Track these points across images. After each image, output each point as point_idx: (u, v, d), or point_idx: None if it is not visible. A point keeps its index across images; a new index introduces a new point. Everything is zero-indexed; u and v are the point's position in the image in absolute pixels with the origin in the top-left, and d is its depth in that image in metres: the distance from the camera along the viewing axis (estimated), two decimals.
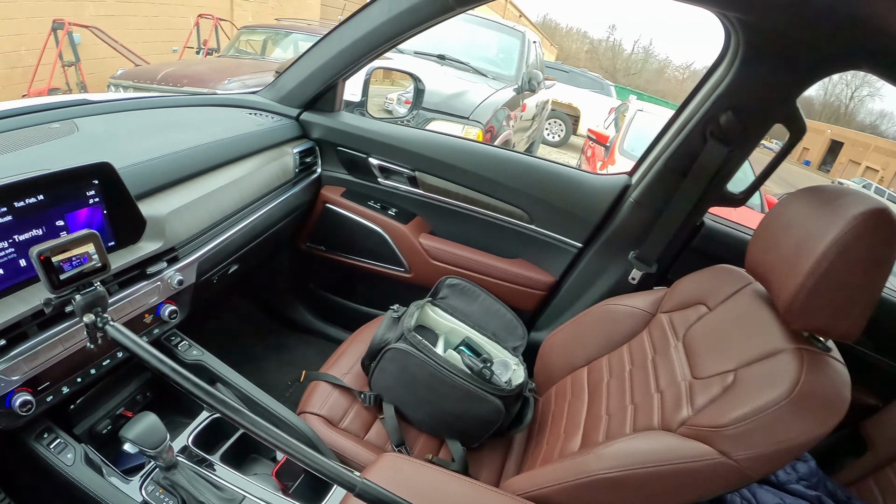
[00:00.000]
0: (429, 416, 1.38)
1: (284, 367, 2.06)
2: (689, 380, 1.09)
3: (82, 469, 1.00)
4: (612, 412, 1.21)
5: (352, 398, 1.43)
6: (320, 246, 2.02)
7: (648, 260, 1.62)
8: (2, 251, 0.90)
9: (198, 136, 1.41)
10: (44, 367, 0.96)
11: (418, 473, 1.04)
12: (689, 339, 1.19)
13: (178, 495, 1.03)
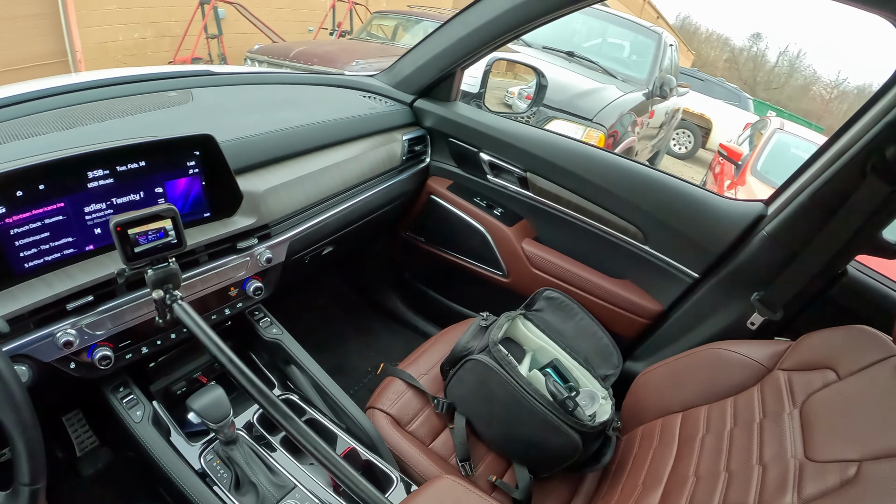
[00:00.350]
0: (500, 437, 1.29)
1: (367, 352, 2.04)
2: (800, 459, 0.89)
3: (147, 428, 1.02)
4: (702, 475, 1.03)
5: (424, 402, 1.36)
6: (420, 237, 1.97)
7: (774, 305, 1.40)
8: (101, 212, 0.92)
9: (307, 115, 1.39)
10: (127, 326, 0.98)
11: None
12: (808, 408, 0.98)
13: (234, 470, 1.04)
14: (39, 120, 1.10)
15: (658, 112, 5.05)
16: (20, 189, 0.84)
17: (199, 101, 1.30)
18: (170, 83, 1.38)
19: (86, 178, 0.91)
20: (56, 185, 0.88)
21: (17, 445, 0.63)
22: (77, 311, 0.92)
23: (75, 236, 0.92)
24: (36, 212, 0.87)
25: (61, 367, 0.92)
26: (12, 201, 0.84)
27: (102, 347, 0.96)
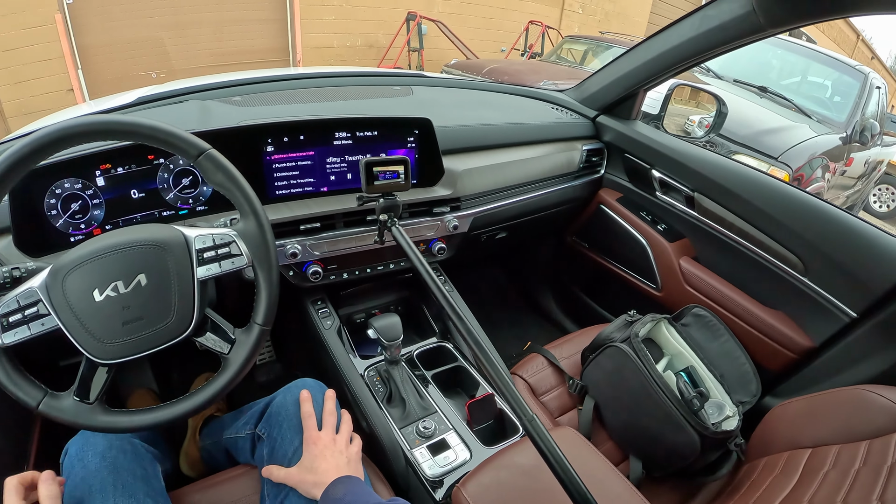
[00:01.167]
0: (623, 425, 1.39)
1: (514, 341, 2.23)
2: None
3: (333, 335, 1.32)
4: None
5: (560, 380, 1.51)
6: (584, 242, 2.11)
7: None
8: (338, 164, 1.25)
9: (503, 116, 1.63)
10: (337, 253, 1.29)
11: (590, 455, 1.08)
12: None
13: (388, 387, 1.27)
14: (296, 94, 1.50)
15: (857, 161, 4.60)
16: (287, 136, 1.19)
17: (417, 95, 1.62)
18: (393, 80, 1.72)
19: (333, 137, 1.24)
20: (312, 138, 1.22)
21: (262, 294, 0.87)
22: (306, 232, 1.24)
23: (316, 178, 1.26)
24: (293, 154, 1.22)
25: (283, 272, 1.22)
26: (279, 144, 1.19)
27: (315, 265, 1.27)
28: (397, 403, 1.24)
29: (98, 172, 1.11)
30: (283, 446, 1.01)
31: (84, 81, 6.62)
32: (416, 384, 1.29)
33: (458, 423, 1.22)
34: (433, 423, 1.20)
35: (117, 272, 0.78)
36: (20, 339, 0.76)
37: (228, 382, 0.85)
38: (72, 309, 0.76)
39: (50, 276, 0.78)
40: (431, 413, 1.23)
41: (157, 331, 0.79)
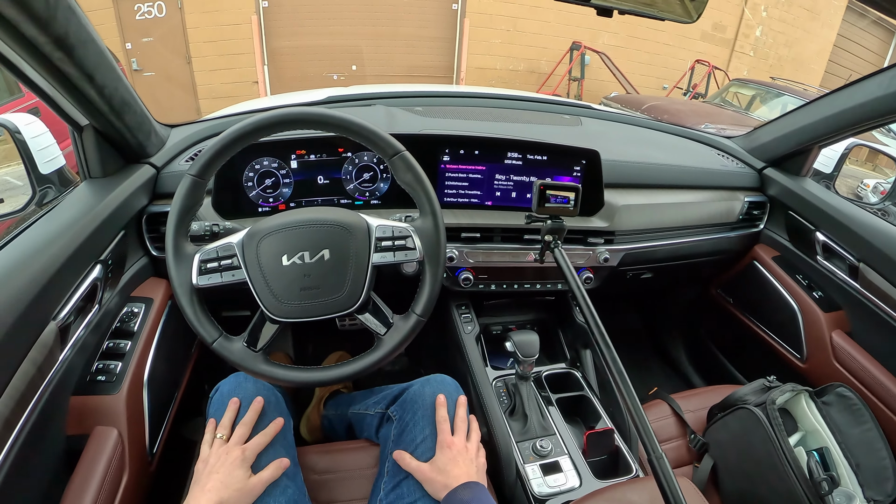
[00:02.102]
0: (739, 492, 1.33)
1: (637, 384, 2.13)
2: None
3: (471, 340, 1.40)
4: None
5: (682, 432, 1.47)
6: (729, 297, 2.01)
7: None
8: (506, 181, 1.34)
9: (668, 156, 1.63)
10: (490, 264, 1.36)
11: None
12: None
13: (513, 400, 1.32)
14: (471, 110, 1.61)
15: None
16: (463, 149, 1.30)
17: (586, 126, 1.68)
18: (562, 108, 1.78)
19: (505, 156, 1.32)
20: (486, 154, 1.31)
21: (426, 288, 0.96)
22: (465, 240, 1.33)
23: (482, 192, 1.35)
24: (465, 166, 1.32)
25: None
26: (455, 155, 1.30)
27: (468, 272, 1.36)
28: (519, 418, 1.29)
29: (293, 156, 1.27)
30: (413, 432, 1.08)
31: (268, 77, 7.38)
32: (541, 403, 1.33)
33: (573, 449, 1.24)
34: (550, 444, 1.23)
35: (306, 244, 0.90)
36: (210, 284, 0.90)
37: (379, 360, 0.95)
38: (261, 267, 0.89)
39: (247, 237, 0.91)
40: (550, 434, 1.27)
41: (328, 301, 0.90)
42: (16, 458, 0.84)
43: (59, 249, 0.99)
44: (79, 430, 1.03)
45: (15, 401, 0.85)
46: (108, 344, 1.16)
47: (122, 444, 1.04)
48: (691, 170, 1.65)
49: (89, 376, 1.10)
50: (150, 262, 1.35)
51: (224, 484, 0.88)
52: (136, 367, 1.13)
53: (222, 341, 0.92)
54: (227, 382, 1.11)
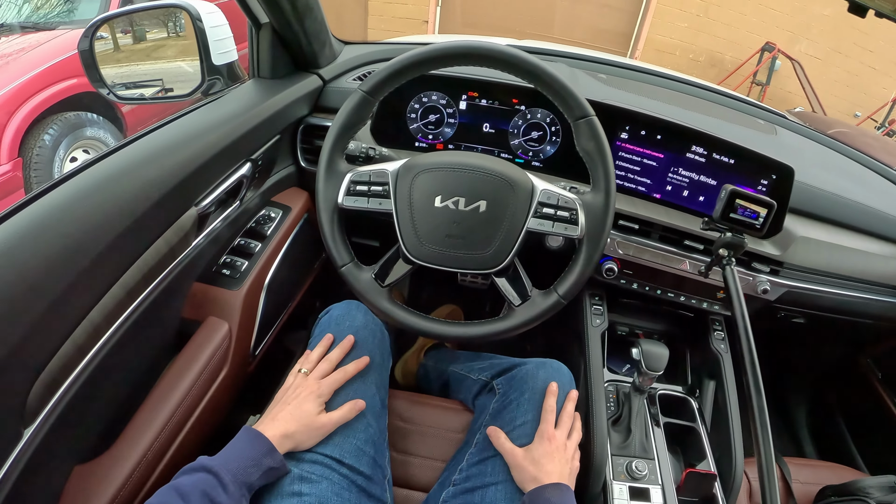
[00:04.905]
0: None
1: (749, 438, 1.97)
2: None
3: (596, 335, 1.29)
4: None
5: (785, 501, 1.31)
6: (879, 372, 1.73)
7: None
8: (679, 176, 1.19)
9: (866, 195, 1.39)
10: (639, 261, 1.24)
11: None
12: None
13: (620, 409, 1.22)
14: (656, 90, 1.47)
15: None
16: (645, 130, 1.16)
17: (781, 138, 1.46)
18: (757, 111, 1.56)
19: (688, 149, 1.17)
20: (667, 142, 1.17)
21: (577, 270, 0.86)
22: (621, 228, 1.22)
23: (653, 182, 1.21)
24: (642, 149, 1.19)
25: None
26: (635, 135, 1.17)
27: (613, 262, 1.24)
28: (621, 431, 1.20)
29: (464, 97, 1.20)
30: (515, 412, 1.02)
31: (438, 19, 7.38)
32: (648, 422, 1.22)
33: (668, 482, 1.13)
34: (646, 469, 1.13)
35: (464, 189, 0.83)
36: (355, 206, 0.86)
37: (506, 330, 0.88)
38: (411, 203, 0.84)
39: (403, 168, 0.86)
40: (649, 458, 1.16)
41: (470, 255, 0.84)
42: (133, 325, 0.87)
43: (216, 139, 1.00)
44: (193, 316, 1.06)
45: (143, 274, 0.87)
46: (240, 241, 1.18)
47: (230, 339, 1.05)
48: (884, 215, 1.41)
49: (215, 267, 1.12)
50: (296, 172, 1.35)
51: (293, 416, 0.87)
52: (260, 269, 1.14)
53: (352, 267, 0.89)
54: (340, 307, 1.10)
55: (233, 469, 0.75)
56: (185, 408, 0.94)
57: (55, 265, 0.68)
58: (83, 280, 0.72)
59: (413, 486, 1.07)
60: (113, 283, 0.80)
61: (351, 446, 0.91)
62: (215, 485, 0.72)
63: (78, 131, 3.46)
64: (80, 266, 0.71)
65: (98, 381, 0.81)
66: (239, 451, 0.79)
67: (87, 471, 0.82)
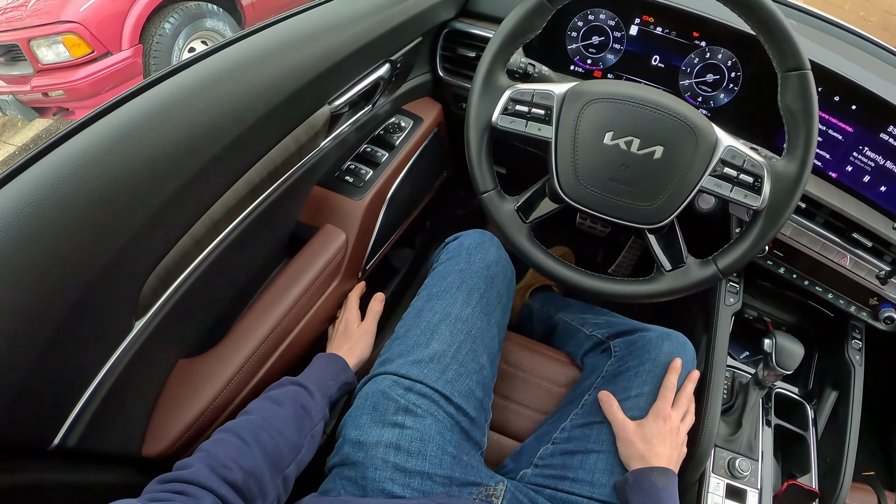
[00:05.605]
0: None
1: None
2: None
3: (727, 315, 1.15)
4: None
5: None
6: None
7: None
8: (866, 160, 0.99)
9: None
10: (795, 244, 1.07)
11: None
12: None
13: (733, 400, 1.11)
14: (850, 50, 1.23)
15: None
16: (839, 95, 0.97)
17: None
18: None
19: (884, 128, 0.96)
20: (861, 115, 0.97)
21: (744, 245, 0.75)
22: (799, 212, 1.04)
23: (832, 157, 1.02)
24: (828, 117, 0.99)
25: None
26: (827, 100, 0.97)
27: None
28: (731, 423, 1.08)
29: (637, 21, 1.05)
30: (630, 380, 0.93)
31: None
32: (760, 420, 1.10)
33: (766, 489, 1.03)
34: (748, 469, 1.02)
35: (641, 129, 0.72)
36: (509, 128, 0.76)
37: (650, 294, 0.79)
38: (576, 135, 0.73)
39: (572, 93, 0.75)
40: (753, 458, 1.05)
41: (631, 206, 0.74)
42: (252, 224, 0.83)
43: (357, 33, 0.92)
44: (309, 220, 1.01)
45: (268, 171, 0.82)
46: (367, 148, 1.11)
47: (346, 249, 1.01)
48: None
49: (339, 173, 1.07)
50: (431, 81, 1.26)
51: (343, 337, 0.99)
52: (385, 180, 1.08)
53: (494, 196, 0.81)
54: (472, 237, 1.02)
55: (316, 382, 0.82)
56: (292, 316, 0.91)
57: (181, 151, 0.63)
58: (209, 170, 0.67)
59: (507, 432, 1.02)
60: (238, 176, 0.75)
61: (463, 386, 0.85)
62: (303, 393, 0.79)
63: (198, 21, 3.43)
64: (208, 154, 0.66)
65: (210, 278, 0.78)
66: (318, 370, 0.87)
67: (191, 367, 0.80)
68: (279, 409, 0.74)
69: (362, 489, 0.75)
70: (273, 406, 0.74)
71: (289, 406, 0.75)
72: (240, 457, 0.63)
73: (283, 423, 0.72)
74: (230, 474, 0.60)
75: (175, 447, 0.75)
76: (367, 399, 0.81)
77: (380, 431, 0.78)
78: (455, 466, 0.79)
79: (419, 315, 0.91)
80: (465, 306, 0.91)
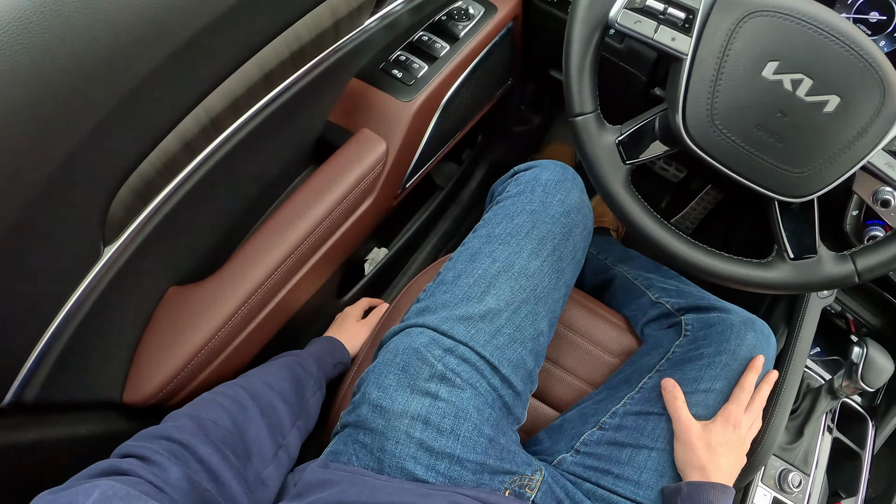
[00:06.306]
0: None
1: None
2: None
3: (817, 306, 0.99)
4: None
5: None
6: None
7: None
8: None
9: None
10: None
11: None
12: None
13: (801, 401, 0.96)
14: None
15: None
16: None
17: None
18: None
19: None
20: None
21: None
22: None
23: None
24: None
25: None
26: None
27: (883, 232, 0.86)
28: (791, 429, 0.94)
29: None
30: (701, 371, 0.77)
31: None
32: (821, 431, 0.96)
33: None
34: (799, 486, 0.89)
35: (817, 67, 0.50)
36: (631, 30, 0.55)
37: (766, 283, 0.62)
38: (723, 56, 0.52)
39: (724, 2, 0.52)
40: (805, 472, 0.91)
41: (771, 168, 0.54)
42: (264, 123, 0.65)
43: None
44: (343, 122, 0.82)
45: (291, 52, 0.64)
46: (423, 36, 0.89)
47: (385, 163, 0.82)
48: None
49: (385, 64, 0.86)
50: None
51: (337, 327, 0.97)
52: (442, 81, 0.86)
53: (592, 121, 0.60)
54: (552, 171, 0.81)
55: (312, 354, 0.80)
56: (312, 240, 0.74)
57: (159, 14, 0.42)
58: (201, 44, 0.46)
59: (546, 399, 0.88)
60: (247, 57, 0.54)
61: (514, 354, 0.70)
62: (299, 362, 0.75)
63: None
64: (200, 22, 0.45)
65: (209, 189, 0.62)
66: (315, 346, 0.85)
67: (184, 297, 0.66)
68: (277, 371, 0.70)
69: (378, 461, 0.62)
70: (268, 370, 0.70)
71: (285, 370, 0.71)
72: (238, 415, 0.58)
73: (282, 384, 0.68)
74: (223, 434, 0.54)
75: (163, 392, 0.63)
76: (398, 355, 0.66)
77: (407, 398, 0.63)
78: (490, 451, 0.65)
79: (474, 259, 0.73)
80: (534, 258, 0.73)
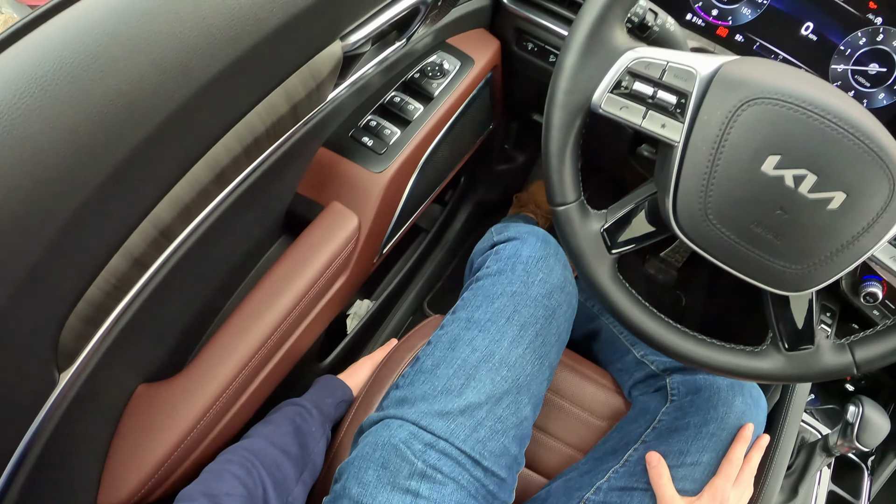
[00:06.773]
0: None
1: None
2: None
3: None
4: None
5: None
6: None
7: None
8: None
9: None
10: None
11: None
12: None
13: (795, 457, 0.91)
14: None
15: None
16: None
17: None
18: None
19: None
20: None
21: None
22: None
23: None
24: None
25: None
26: None
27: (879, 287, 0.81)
28: (785, 488, 0.90)
29: None
30: (687, 442, 0.75)
31: None
32: (816, 488, 0.93)
33: None
34: None
35: (821, 161, 0.45)
36: (616, 115, 0.50)
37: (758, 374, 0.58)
38: (718, 147, 0.47)
39: (724, 78, 0.47)
40: None
41: (770, 264, 0.49)
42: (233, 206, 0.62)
43: None
44: (312, 194, 0.78)
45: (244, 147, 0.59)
46: (395, 97, 0.84)
47: (357, 241, 0.78)
48: None
49: (354, 131, 0.81)
50: (489, 7, 0.95)
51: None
52: (417, 146, 0.82)
53: (574, 211, 0.55)
54: (533, 245, 0.77)
55: (312, 399, 0.77)
56: (283, 331, 0.70)
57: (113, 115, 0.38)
58: (159, 141, 0.42)
59: (535, 467, 0.86)
60: (205, 150, 0.50)
61: (497, 445, 0.67)
62: (300, 410, 0.74)
63: None
64: (154, 120, 0.41)
65: (176, 281, 0.59)
66: (314, 389, 0.82)
67: (155, 395, 0.63)
68: (278, 427, 0.70)
69: None
70: (269, 426, 0.70)
71: (286, 423, 0.71)
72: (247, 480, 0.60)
73: (284, 439, 0.68)
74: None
75: (141, 492, 0.60)
76: (377, 449, 0.64)
77: (388, 496, 0.61)
78: None
79: (453, 347, 0.70)
80: (515, 346, 0.70)
